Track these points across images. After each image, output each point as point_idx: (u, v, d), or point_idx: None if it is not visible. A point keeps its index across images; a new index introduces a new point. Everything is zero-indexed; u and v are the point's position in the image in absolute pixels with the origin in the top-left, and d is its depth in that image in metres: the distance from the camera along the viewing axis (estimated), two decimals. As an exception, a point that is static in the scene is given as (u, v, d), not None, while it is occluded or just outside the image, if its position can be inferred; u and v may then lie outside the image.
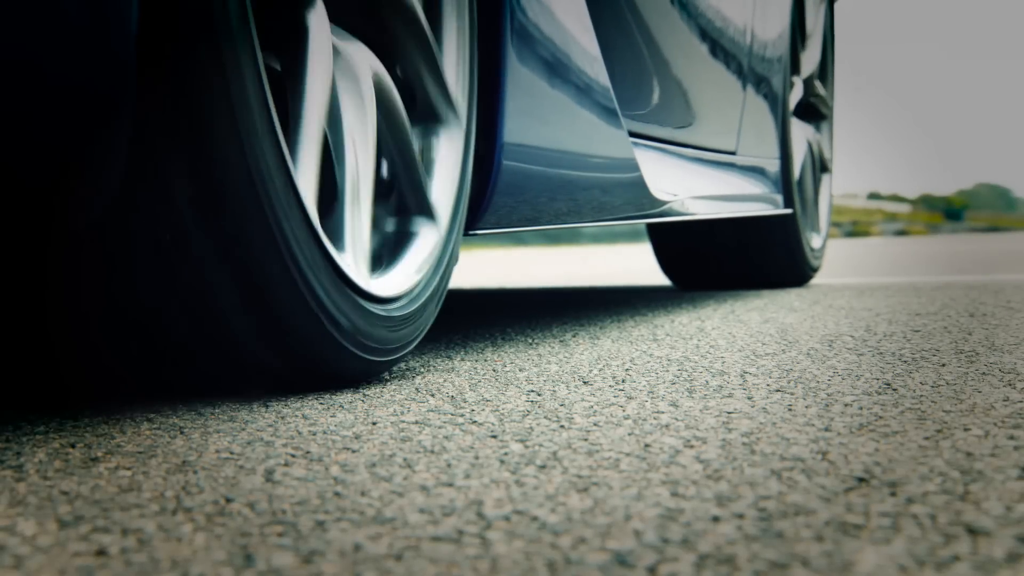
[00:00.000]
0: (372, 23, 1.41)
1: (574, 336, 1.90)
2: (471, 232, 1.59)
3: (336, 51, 1.32)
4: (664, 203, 2.20)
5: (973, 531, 0.67)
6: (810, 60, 3.50)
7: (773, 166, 3.09)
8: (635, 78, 2.09)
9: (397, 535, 0.69)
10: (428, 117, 1.51)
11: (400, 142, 1.43)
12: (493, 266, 7.08)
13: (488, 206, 1.59)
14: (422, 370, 1.49)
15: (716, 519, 0.71)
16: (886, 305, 2.51)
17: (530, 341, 1.84)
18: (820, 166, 3.66)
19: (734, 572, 0.61)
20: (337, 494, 0.80)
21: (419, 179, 1.46)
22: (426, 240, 1.46)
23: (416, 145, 1.47)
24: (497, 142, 1.57)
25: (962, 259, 6.51)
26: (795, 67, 3.36)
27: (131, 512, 0.76)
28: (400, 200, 1.46)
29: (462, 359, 1.60)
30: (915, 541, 0.65)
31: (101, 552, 0.67)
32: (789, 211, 3.18)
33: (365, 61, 1.36)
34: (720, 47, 2.57)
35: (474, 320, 2.30)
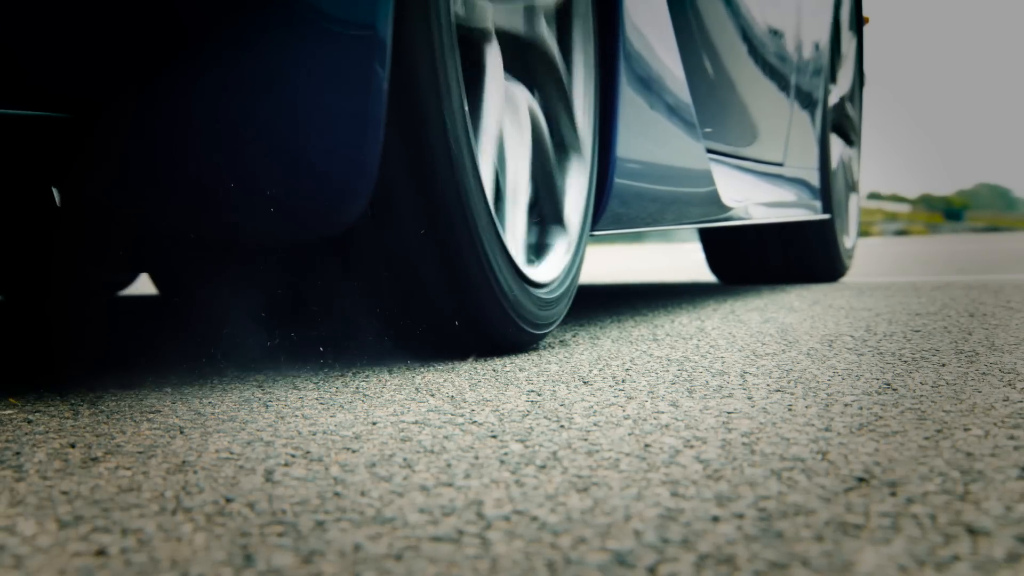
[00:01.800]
0: (527, 69, 1.75)
1: (574, 336, 1.90)
2: (590, 234, 1.90)
3: (504, 86, 1.65)
4: (730, 209, 2.55)
5: (973, 531, 0.67)
6: (843, 82, 3.91)
7: (814, 176, 3.53)
8: (708, 101, 2.40)
9: (397, 535, 0.69)
10: (561, 144, 1.83)
11: (544, 165, 1.77)
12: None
13: (603, 213, 1.91)
14: (422, 370, 1.49)
15: (716, 519, 0.71)
16: (886, 305, 2.51)
17: (530, 341, 1.84)
18: (849, 185, 4.06)
19: (734, 572, 0.61)
20: (337, 494, 0.80)
21: (558, 196, 1.80)
22: (562, 243, 1.80)
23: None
24: (611, 160, 1.88)
25: (962, 259, 6.51)
26: (828, 82, 3.71)
27: (131, 512, 0.76)
28: (540, 213, 1.79)
29: (462, 359, 1.60)
30: (915, 541, 0.65)
31: (101, 552, 0.67)
32: (827, 216, 3.61)
33: (523, 96, 1.71)
34: (773, 72, 2.96)
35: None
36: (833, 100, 3.80)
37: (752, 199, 2.78)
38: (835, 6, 3.64)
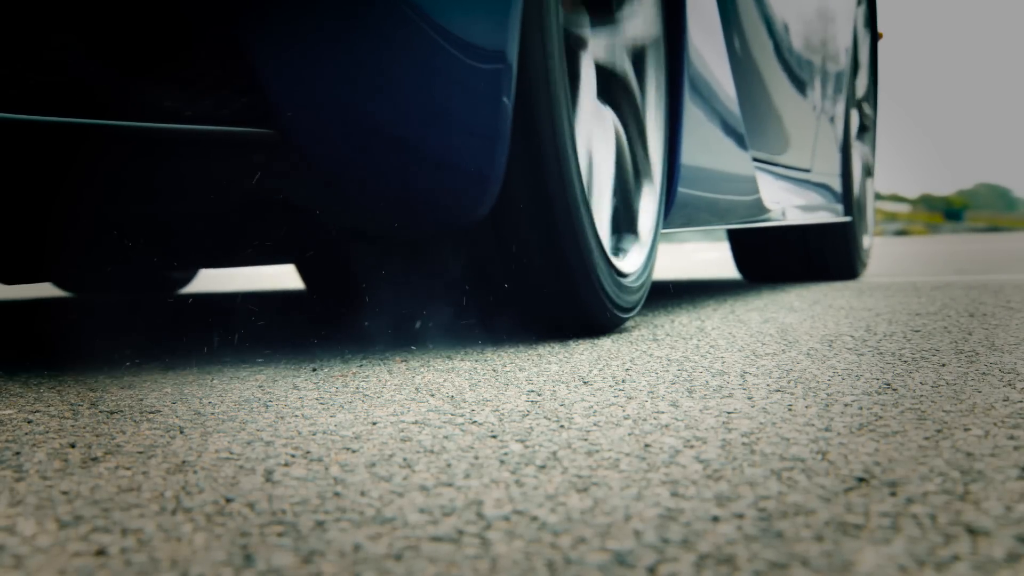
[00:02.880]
0: (611, 94, 2.03)
1: (574, 336, 1.90)
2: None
3: (597, 107, 1.95)
4: (770, 211, 2.88)
5: (973, 531, 0.67)
6: (861, 87, 4.27)
7: (836, 182, 3.87)
8: (752, 115, 2.71)
9: (397, 535, 0.69)
10: (636, 152, 2.09)
11: (623, 179, 2.04)
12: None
13: (670, 213, 2.17)
14: (422, 370, 1.49)
15: (716, 519, 0.71)
16: (886, 305, 2.51)
17: (530, 341, 1.84)
18: (866, 171, 4.38)
19: (734, 572, 0.61)
20: (337, 494, 0.80)
21: (635, 197, 2.08)
22: (640, 236, 2.07)
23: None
24: (676, 168, 2.15)
25: (962, 259, 6.51)
26: (852, 97, 4.06)
27: (131, 512, 0.76)
28: (616, 222, 2.04)
29: (462, 359, 1.60)
30: (915, 541, 0.65)
31: (101, 552, 0.67)
32: (849, 219, 3.96)
33: (609, 117, 2.00)
34: (802, 88, 3.27)
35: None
36: (854, 104, 4.16)
37: (787, 202, 3.10)
38: (854, 23, 3.96)
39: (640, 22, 2.07)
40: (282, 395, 1.29)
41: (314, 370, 1.51)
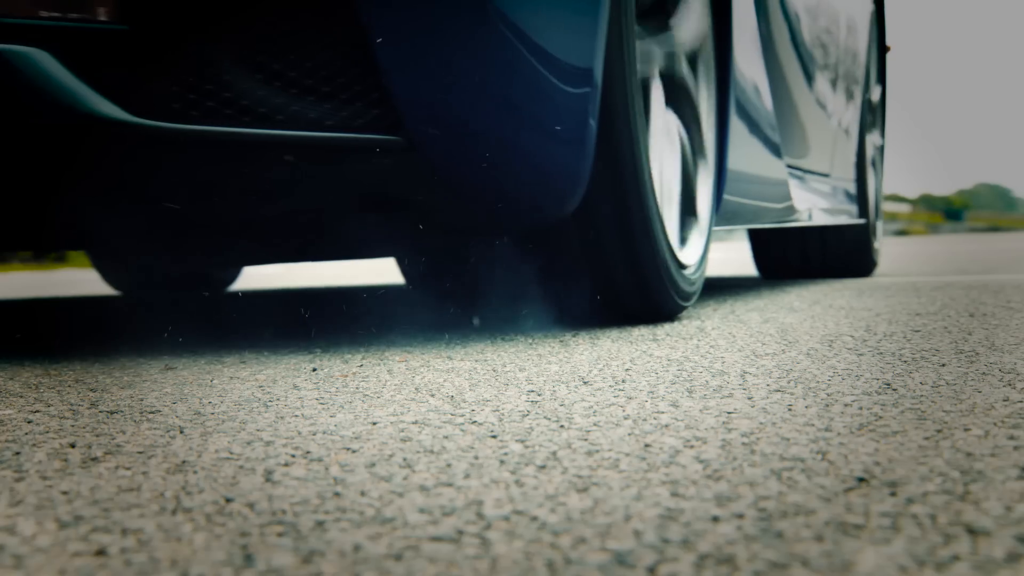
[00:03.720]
0: (674, 99, 2.26)
1: (574, 336, 1.90)
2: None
3: (664, 113, 2.19)
4: (798, 212, 3.14)
5: (973, 531, 0.67)
6: (874, 92, 4.67)
7: (852, 186, 4.21)
8: (784, 123, 2.97)
9: (397, 535, 0.69)
10: (694, 157, 2.34)
11: (686, 174, 2.28)
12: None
13: (718, 212, 2.40)
14: (422, 370, 1.49)
15: (716, 519, 0.71)
16: (886, 305, 2.51)
17: (530, 341, 1.84)
18: (877, 176, 4.74)
19: (734, 572, 0.61)
20: (337, 494, 0.80)
21: (694, 197, 2.32)
22: (696, 235, 2.33)
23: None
24: (723, 172, 2.37)
25: (962, 259, 6.50)
26: (866, 106, 4.40)
27: (131, 512, 0.76)
28: (681, 213, 2.28)
29: (462, 359, 1.60)
30: (915, 541, 0.65)
31: (101, 552, 0.67)
32: (864, 221, 4.29)
33: (673, 122, 2.23)
34: (823, 96, 3.55)
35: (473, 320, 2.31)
36: (868, 107, 4.51)
37: (813, 205, 3.39)
38: (868, 37, 4.30)
39: (691, 34, 2.32)
40: (282, 395, 1.29)
41: (314, 370, 1.51)
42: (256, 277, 5.96)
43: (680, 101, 2.28)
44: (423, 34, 1.57)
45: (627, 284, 2.02)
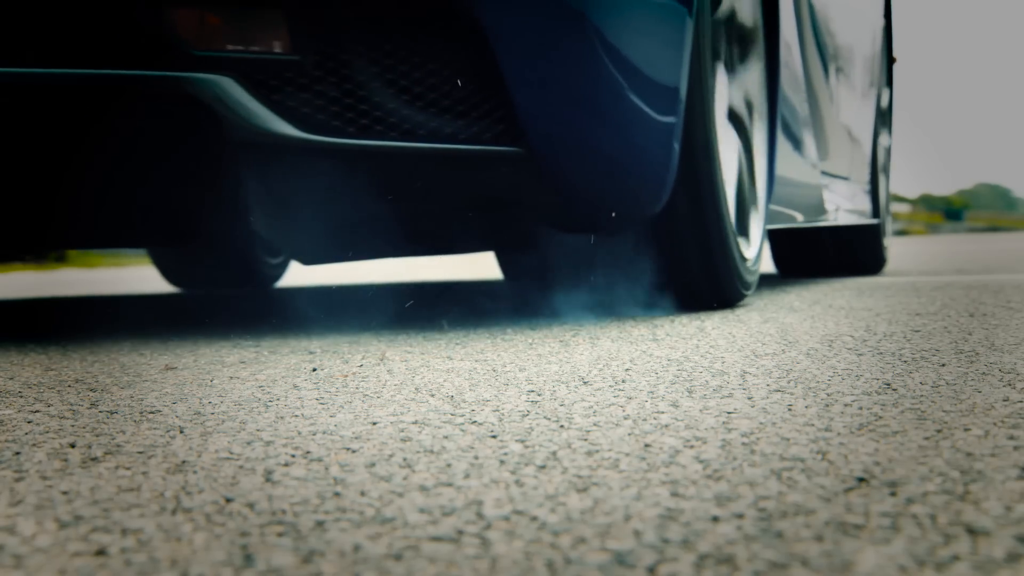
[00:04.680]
0: (735, 120, 2.60)
1: (574, 336, 1.90)
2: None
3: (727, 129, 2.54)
4: (827, 213, 3.51)
5: (973, 531, 0.67)
6: (884, 98, 5.05)
7: (867, 188, 4.61)
8: (817, 135, 3.35)
9: (397, 535, 0.69)
10: (749, 168, 2.68)
11: (741, 189, 2.59)
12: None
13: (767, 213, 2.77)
14: (422, 370, 1.49)
15: (716, 519, 0.71)
16: (886, 305, 2.51)
17: (530, 341, 1.84)
18: (886, 167, 5.16)
19: (734, 572, 0.61)
20: (337, 494, 0.80)
21: (747, 208, 2.63)
22: (756, 232, 2.66)
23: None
24: (771, 179, 2.72)
25: (962, 259, 6.50)
26: (878, 114, 4.82)
27: (131, 512, 0.76)
28: (740, 219, 2.59)
29: (462, 359, 1.60)
30: (915, 541, 0.65)
31: (101, 552, 0.67)
32: (878, 220, 4.71)
33: (735, 139, 2.56)
34: (846, 108, 3.93)
35: (473, 319, 2.31)
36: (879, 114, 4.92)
37: (839, 205, 3.75)
38: (879, 49, 4.69)
39: (752, 74, 2.71)
40: (282, 395, 1.29)
41: (314, 370, 1.51)
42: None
43: (739, 121, 2.62)
44: (545, 65, 1.91)
45: (700, 274, 2.35)
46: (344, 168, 1.89)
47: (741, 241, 2.51)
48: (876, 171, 4.73)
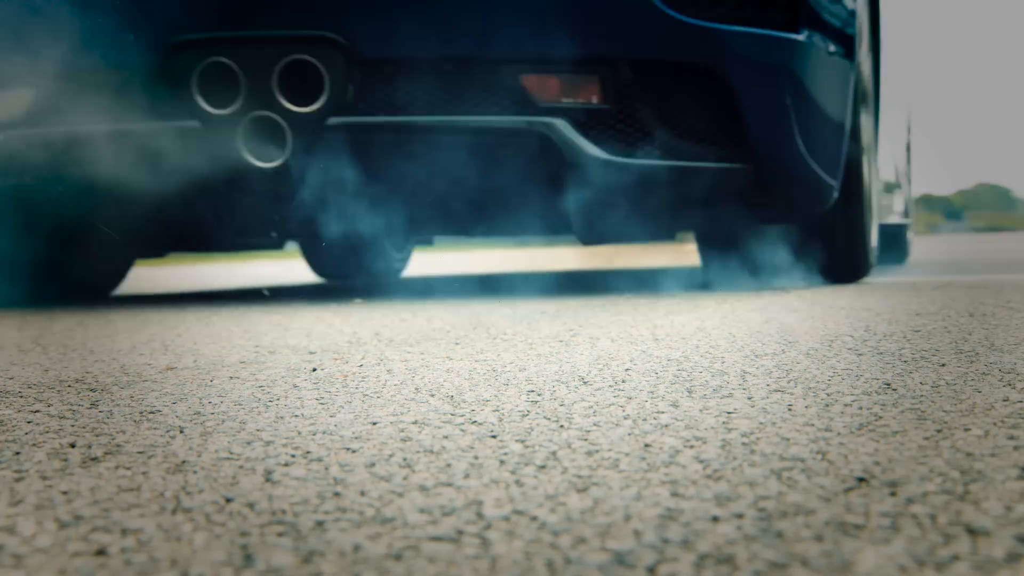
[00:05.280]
0: (853, 142, 3.54)
1: (574, 336, 1.90)
2: None
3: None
4: (894, 213, 4.42)
5: (973, 531, 0.67)
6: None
7: (906, 192, 5.91)
8: (888, 156, 4.71)
9: (396, 535, 0.69)
10: (870, 184, 3.73)
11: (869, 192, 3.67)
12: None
13: None
14: (422, 370, 1.49)
15: (716, 519, 0.71)
16: (886, 305, 2.51)
17: (530, 341, 1.84)
18: (910, 172, 6.61)
19: (734, 572, 0.61)
20: (337, 494, 0.80)
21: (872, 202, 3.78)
22: (873, 228, 3.69)
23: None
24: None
25: (962, 259, 6.50)
26: (908, 125, 6.37)
27: (131, 512, 0.76)
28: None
29: (462, 359, 1.60)
30: (915, 541, 0.65)
31: (101, 552, 0.67)
32: (908, 220, 6.05)
33: (872, 160, 3.69)
34: (878, 118, 4.86)
35: (472, 320, 2.31)
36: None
37: (896, 207, 4.91)
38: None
39: (866, 119, 3.71)
40: (282, 395, 1.29)
41: (314, 370, 1.51)
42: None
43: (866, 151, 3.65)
44: (767, 105, 2.94)
45: (845, 255, 3.48)
46: (634, 179, 2.88)
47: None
48: (909, 176, 5.91)
